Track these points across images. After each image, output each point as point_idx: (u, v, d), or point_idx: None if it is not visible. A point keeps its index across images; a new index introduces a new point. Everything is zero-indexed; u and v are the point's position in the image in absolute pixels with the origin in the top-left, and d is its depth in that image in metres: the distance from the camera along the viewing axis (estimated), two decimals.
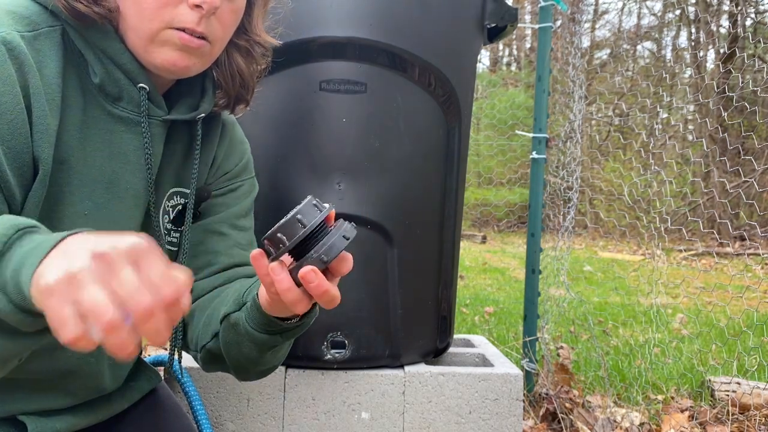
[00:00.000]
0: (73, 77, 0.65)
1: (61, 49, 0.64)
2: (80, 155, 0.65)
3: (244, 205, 0.84)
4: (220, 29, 0.67)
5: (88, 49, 0.65)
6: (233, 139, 0.84)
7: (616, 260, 6.61)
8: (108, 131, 0.67)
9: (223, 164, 0.82)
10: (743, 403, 1.74)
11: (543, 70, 1.83)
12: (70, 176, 0.64)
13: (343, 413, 1.08)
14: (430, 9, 1.05)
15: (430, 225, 1.11)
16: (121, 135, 0.67)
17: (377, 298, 1.06)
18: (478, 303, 3.70)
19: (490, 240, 9.75)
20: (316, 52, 1.02)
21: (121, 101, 0.67)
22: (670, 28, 12.33)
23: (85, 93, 0.65)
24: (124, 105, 0.67)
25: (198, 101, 0.74)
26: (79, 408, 0.73)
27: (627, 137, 6.38)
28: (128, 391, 0.81)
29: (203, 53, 0.67)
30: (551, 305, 1.93)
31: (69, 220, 0.64)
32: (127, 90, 0.66)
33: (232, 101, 0.78)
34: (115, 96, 0.66)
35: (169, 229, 0.77)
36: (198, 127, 0.74)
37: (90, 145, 0.65)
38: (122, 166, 0.68)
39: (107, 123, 0.66)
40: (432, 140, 1.09)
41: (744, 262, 6.46)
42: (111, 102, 0.67)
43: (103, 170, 0.66)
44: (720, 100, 6.73)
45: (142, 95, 0.67)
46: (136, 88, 0.67)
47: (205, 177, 0.80)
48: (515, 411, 1.09)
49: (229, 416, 1.09)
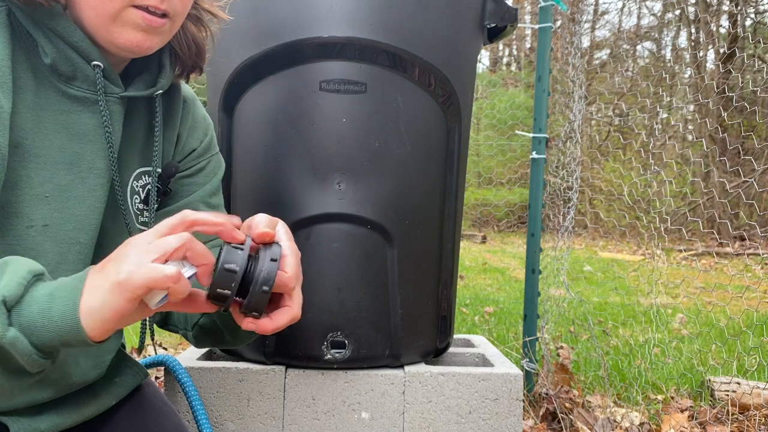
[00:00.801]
0: (22, 59, 0.63)
1: (8, 30, 0.62)
2: (36, 138, 0.64)
3: (214, 183, 0.85)
4: (180, 4, 0.66)
5: (37, 29, 0.63)
6: (196, 116, 0.83)
7: (616, 260, 6.61)
8: (64, 112, 0.66)
9: (188, 142, 0.82)
10: (743, 403, 1.74)
11: (543, 70, 1.83)
12: (26, 160, 0.63)
13: (343, 413, 1.08)
14: (430, 9, 1.05)
15: (430, 225, 1.11)
16: (79, 115, 0.66)
17: (377, 298, 1.06)
18: (478, 303, 3.70)
19: (490, 240, 9.75)
20: (316, 52, 1.02)
21: (75, 80, 0.66)
22: (670, 28, 12.33)
23: (36, 74, 0.64)
24: (78, 84, 0.66)
25: (156, 77, 0.74)
26: (63, 405, 0.71)
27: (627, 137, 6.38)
28: (113, 387, 0.80)
29: (165, 31, 0.66)
30: (551, 305, 1.93)
31: (30, 203, 0.63)
32: (81, 69, 0.65)
33: (187, 70, 0.78)
34: (69, 75, 0.65)
35: (141, 209, 0.77)
36: (157, 103, 0.74)
37: (46, 127, 0.64)
38: (83, 147, 0.67)
39: (62, 104, 0.65)
40: (432, 140, 1.09)
41: (744, 262, 6.47)
42: (65, 82, 0.65)
43: (63, 152, 0.66)
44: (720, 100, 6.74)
45: (97, 73, 0.66)
46: (91, 66, 0.65)
47: (171, 155, 0.80)
48: (515, 411, 1.09)
49: (229, 416, 1.09)
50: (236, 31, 1.06)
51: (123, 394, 0.82)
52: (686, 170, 5.87)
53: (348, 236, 1.04)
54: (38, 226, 0.63)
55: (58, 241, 0.65)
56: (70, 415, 0.72)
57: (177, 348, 2.29)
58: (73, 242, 0.66)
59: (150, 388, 0.89)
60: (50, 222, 0.64)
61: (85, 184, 0.67)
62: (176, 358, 1.09)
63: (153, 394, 0.87)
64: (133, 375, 0.84)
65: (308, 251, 1.04)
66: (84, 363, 0.72)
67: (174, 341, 2.39)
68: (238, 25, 1.06)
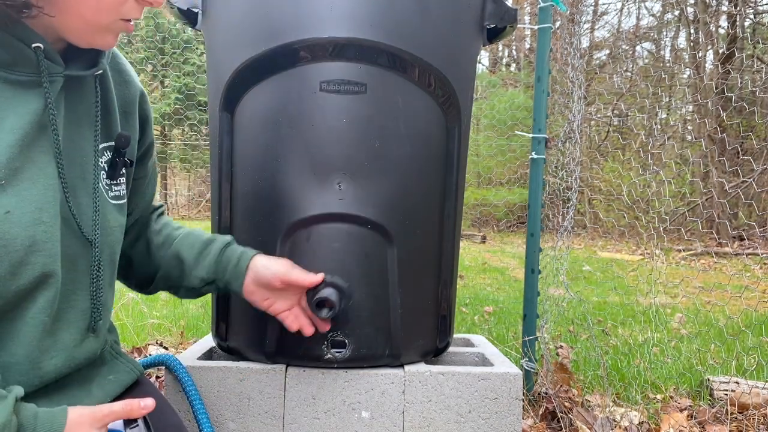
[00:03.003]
0: None
1: None
2: None
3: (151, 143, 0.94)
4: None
5: None
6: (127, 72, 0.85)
7: (615, 260, 6.61)
8: (7, 98, 0.66)
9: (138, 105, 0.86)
10: (742, 403, 1.75)
11: (542, 70, 1.83)
12: None
13: (343, 412, 1.08)
14: (430, 9, 1.05)
15: (430, 225, 1.12)
16: (23, 98, 0.67)
17: (377, 297, 1.06)
18: (477, 302, 3.70)
19: (490, 240, 9.76)
20: (316, 53, 1.03)
21: (16, 66, 0.67)
22: (669, 28, 12.34)
23: None
24: (20, 69, 0.67)
25: (96, 56, 0.76)
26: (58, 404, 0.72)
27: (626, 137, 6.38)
28: (108, 385, 0.81)
29: None
30: (551, 305, 1.93)
31: None
32: (21, 52, 0.67)
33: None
34: (9, 62, 0.67)
35: (110, 184, 0.79)
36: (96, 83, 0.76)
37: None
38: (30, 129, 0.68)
39: (4, 90, 0.66)
40: (432, 140, 1.10)
41: (743, 262, 6.47)
42: (6, 68, 0.66)
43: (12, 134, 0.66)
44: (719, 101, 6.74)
45: (39, 55, 0.67)
46: (31, 49, 0.67)
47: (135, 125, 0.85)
48: (515, 410, 1.09)
49: (230, 415, 1.09)
50: (237, 32, 1.07)
51: (118, 391, 0.82)
52: (685, 170, 5.88)
53: (348, 236, 1.04)
54: (0, 214, 0.64)
55: (23, 225, 0.65)
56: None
57: (177, 348, 2.29)
58: (38, 223, 0.67)
59: (147, 387, 0.89)
60: (11, 208, 0.65)
61: (35, 165, 0.68)
62: (177, 358, 1.09)
63: (150, 393, 0.88)
64: (127, 372, 0.85)
65: (308, 251, 1.04)
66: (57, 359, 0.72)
67: (174, 341, 2.39)
68: (238, 25, 1.06)
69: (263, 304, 0.97)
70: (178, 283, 0.97)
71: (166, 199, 13.49)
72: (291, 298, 0.98)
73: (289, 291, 0.97)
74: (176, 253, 0.95)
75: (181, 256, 0.95)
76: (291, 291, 0.97)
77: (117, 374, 0.83)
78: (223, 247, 0.96)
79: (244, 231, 1.10)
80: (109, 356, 0.84)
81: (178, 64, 12.16)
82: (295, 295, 0.98)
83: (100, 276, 0.75)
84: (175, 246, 0.96)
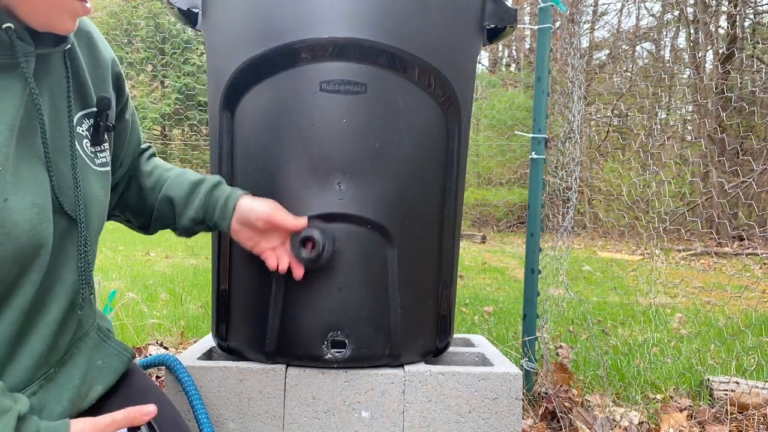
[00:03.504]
0: None
1: None
2: None
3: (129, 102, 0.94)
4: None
5: None
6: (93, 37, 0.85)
7: (615, 260, 6.61)
8: None
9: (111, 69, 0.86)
10: (742, 403, 1.75)
11: (542, 70, 1.83)
12: None
13: (343, 412, 1.08)
14: (430, 10, 1.06)
15: (430, 225, 1.12)
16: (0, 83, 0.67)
17: (377, 297, 1.06)
18: (477, 302, 3.70)
19: (490, 240, 9.76)
20: (316, 53, 1.03)
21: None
22: (669, 28, 12.34)
23: None
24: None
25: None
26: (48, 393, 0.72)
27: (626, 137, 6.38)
28: (97, 372, 0.80)
29: None
30: (550, 305, 1.93)
31: None
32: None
33: None
34: None
35: (94, 152, 0.79)
36: (65, 57, 0.76)
37: None
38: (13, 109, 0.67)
39: None
40: (432, 140, 1.10)
41: (742, 262, 6.47)
42: None
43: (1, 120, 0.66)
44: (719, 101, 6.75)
45: (11, 35, 0.67)
46: (3, 30, 0.66)
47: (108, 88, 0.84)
48: (514, 410, 1.09)
49: (230, 415, 1.09)
50: (237, 32, 1.07)
51: (111, 380, 0.82)
52: (685, 170, 5.88)
53: (348, 236, 1.04)
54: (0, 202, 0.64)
55: (21, 210, 0.65)
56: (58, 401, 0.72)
57: (177, 348, 2.29)
58: (33, 206, 0.67)
59: (145, 380, 0.89)
60: (8, 195, 0.64)
61: (25, 148, 0.68)
62: (177, 358, 1.09)
63: (147, 386, 0.88)
64: (116, 356, 0.84)
65: None
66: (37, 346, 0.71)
67: (174, 341, 2.39)
68: (238, 25, 1.07)
69: (248, 243, 1.00)
70: (173, 223, 0.99)
71: None
72: (275, 240, 1.00)
73: (273, 233, 0.99)
74: (167, 194, 0.97)
75: (172, 197, 0.97)
76: (276, 233, 1.00)
77: (107, 359, 0.82)
78: (211, 188, 0.98)
79: None
80: (96, 339, 0.83)
81: (178, 64, 12.16)
82: (279, 238, 1.00)
83: (87, 251, 0.75)
84: (166, 188, 0.98)
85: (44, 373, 0.72)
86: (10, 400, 0.61)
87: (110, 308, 2.22)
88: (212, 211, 0.97)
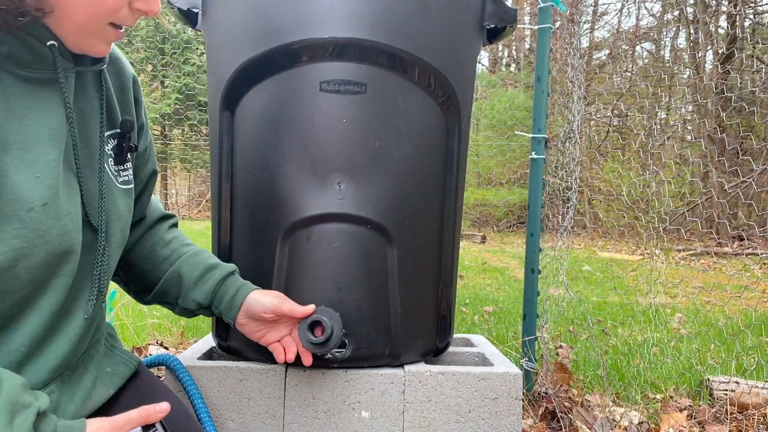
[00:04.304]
0: None
1: None
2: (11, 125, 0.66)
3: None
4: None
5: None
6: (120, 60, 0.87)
7: (614, 260, 6.61)
8: (28, 95, 0.68)
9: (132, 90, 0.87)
10: (742, 403, 1.75)
11: (542, 70, 1.83)
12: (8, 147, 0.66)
13: (343, 412, 1.08)
14: (430, 9, 1.06)
15: (430, 225, 1.12)
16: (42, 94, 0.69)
17: (377, 297, 1.07)
18: (477, 302, 3.70)
19: (490, 240, 9.75)
20: (316, 53, 1.03)
21: (33, 63, 0.69)
22: (669, 28, 12.34)
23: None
24: (38, 66, 0.69)
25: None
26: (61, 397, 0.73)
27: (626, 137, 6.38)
28: (107, 377, 0.82)
29: None
30: (550, 305, 1.93)
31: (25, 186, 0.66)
32: (37, 50, 0.68)
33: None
34: (27, 60, 0.68)
35: (118, 170, 0.82)
36: (102, 76, 0.79)
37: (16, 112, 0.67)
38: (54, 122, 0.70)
39: (24, 88, 0.68)
40: (432, 140, 1.10)
41: (742, 262, 6.47)
42: (24, 67, 0.68)
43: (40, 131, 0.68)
44: (719, 101, 6.75)
45: (54, 52, 0.69)
46: (47, 47, 0.69)
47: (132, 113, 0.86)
48: (514, 410, 1.09)
49: (230, 415, 1.09)
50: (237, 32, 1.07)
51: (119, 383, 0.84)
52: (685, 170, 5.88)
53: (348, 236, 1.05)
54: (38, 207, 0.66)
55: (57, 216, 0.68)
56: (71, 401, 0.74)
57: (178, 347, 2.29)
58: (66, 213, 0.70)
59: (154, 379, 0.90)
60: (48, 200, 0.67)
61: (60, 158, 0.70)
62: (177, 358, 1.09)
63: (157, 384, 0.89)
64: (124, 363, 0.86)
65: (308, 251, 1.05)
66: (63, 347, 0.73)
67: (175, 341, 2.39)
68: (238, 25, 1.07)
69: (255, 335, 1.00)
70: (175, 301, 0.98)
71: (167, 199, 13.48)
72: (283, 331, 1.01)
73: (281, 323, 1.00)
74: (178, 271, 0.97)
75: (182, 275, 0.96)
76: (283, 323, 1.00)
77: (115, 366, 0.84)
78: (223, 278, 0.98)
79: (244, 231, 1.10)
80: (105, 348, 0.85)
81: (178, 64, 12.16)
82: (287, 328, 1.01)
83: (104, 261, 0.77)
84: (179, 264, 0.97)
85: (60, 375, 0.74)
86: (32, 397, 0.62)
87: (110, 308, 2.22)
88: (220, 301, 0.97)
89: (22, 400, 0.61)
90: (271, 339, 1.00)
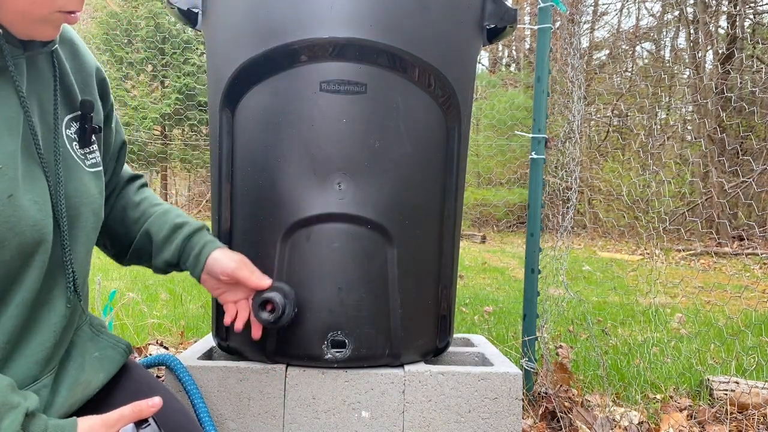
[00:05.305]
0: None
1: None
2: None
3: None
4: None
5: None
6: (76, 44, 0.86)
7: (614, 260, 6.61)
8: None
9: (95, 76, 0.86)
10: (742, 403, 1.75)
11: (542, 70, 1.83)
12: None
13: (343, 412, 1.08)
14: (429, 10, 1.06)
15: (430, 225, 1.12)
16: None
17: (377, 297, 1.07)
18: (477, 302, 3.70)
19: (490, 240, 9.75)
20: (316, 53, 1.03)
21: None
22: (669, 28, 12.34)
23: None
24: None
25: None
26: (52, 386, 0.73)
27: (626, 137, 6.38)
28: (96, 362, 0.81)
29: None
30: (550, 305, 1.93)
31: None
32: None
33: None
34: None
35: (84, 153, 0.80)
36: (53, 58, 0.77)
37: None
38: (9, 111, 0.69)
39: None
40: (432, 140, 1.10)
41: (742, 262, 6.47)
42: None
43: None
44: (719, 101, 6.75)
45: (0, 40, 0.68)
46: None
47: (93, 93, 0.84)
48: (514, 410, 1.09)
49: (230, 415, 1.09)
50: (237, 32, 1.07)
51: (113, 369, 0.83)
52: (685, 170, 5.88)
53: (348, 236, 1.05)
54: (3, 199, 0.65)
55: (23, 207, 0.67)
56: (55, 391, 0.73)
57: (178, 347, 2.29)
58: (33, 203, 0.69)
59: (149, 376, 0.90)
60: (13, 192, 0.66)
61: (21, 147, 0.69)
62: (177, 358, 1.09)
63: (151, 381, 0.88)
64: (111, 347, 0.86)
65: (308, 251, 1.05)
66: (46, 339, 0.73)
67: (175, 341, 2.39)
68: (238, 26, 1.07)
69: (214, 292, 1.01)
70: (149, 260, 0.99)
71: (166, 199, 13.47)
72: (239, 294, 1.01)
73: (238, 287, 1.00)
74: (148, 231, 0.97)
75: (152, 235, 0.97)
76: (240, 288, 1.00)
77: (102, 350, 0.84)
78: (189, 235, 0.98)
79: (244, 231, 1.10)
80: (90, 333, 0.85)
81: (178, 64, 12.15)
82: (243, 293, 1.01)
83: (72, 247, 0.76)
84: (149, 224, 0.98)
85: (53, 368, 0.74)
86: (20, 397, 0.62)
87: (110, 308, 2.22)
88: (186, 258, 0.97)
89: (10, 400, 0.60)
90: (227, 299, 1.01)
